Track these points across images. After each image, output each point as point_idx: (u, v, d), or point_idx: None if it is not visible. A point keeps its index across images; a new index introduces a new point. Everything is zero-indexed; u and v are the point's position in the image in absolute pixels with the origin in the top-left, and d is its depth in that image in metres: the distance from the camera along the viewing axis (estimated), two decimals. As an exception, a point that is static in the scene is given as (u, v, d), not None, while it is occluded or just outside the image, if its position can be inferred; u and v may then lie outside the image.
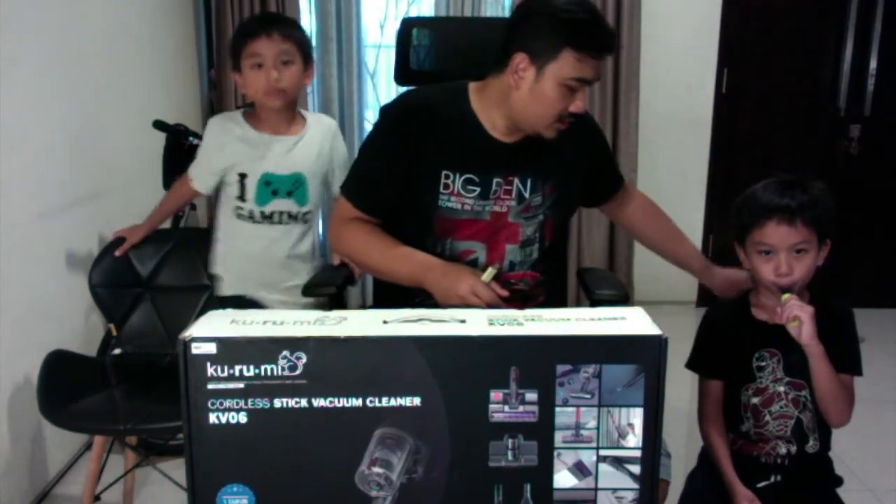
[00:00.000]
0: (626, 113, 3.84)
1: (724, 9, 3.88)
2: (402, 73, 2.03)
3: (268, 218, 1.90)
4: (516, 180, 1.58)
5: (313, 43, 3.84)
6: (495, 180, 1.57)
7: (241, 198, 1.89)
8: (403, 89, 1.86)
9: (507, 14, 3.88)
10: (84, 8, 2.63)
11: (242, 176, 1.87)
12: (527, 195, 1.59)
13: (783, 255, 1.42)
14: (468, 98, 1.59)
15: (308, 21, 3.84)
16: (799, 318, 1.36)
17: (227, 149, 1.88)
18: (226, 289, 1.97)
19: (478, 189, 1.57)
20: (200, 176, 1.96)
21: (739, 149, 4.06)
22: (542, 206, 1.61)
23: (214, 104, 3.81)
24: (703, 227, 4.14)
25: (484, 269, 1.50)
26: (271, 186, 1.88)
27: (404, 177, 1.57)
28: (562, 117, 1.50)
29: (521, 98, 1.50)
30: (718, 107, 4.00)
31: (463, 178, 1.56)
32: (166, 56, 3.46)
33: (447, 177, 1.56)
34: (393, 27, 3.92)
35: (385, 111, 1.64)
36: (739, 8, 3.89)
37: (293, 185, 1.90)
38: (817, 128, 4.04)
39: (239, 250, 1.94)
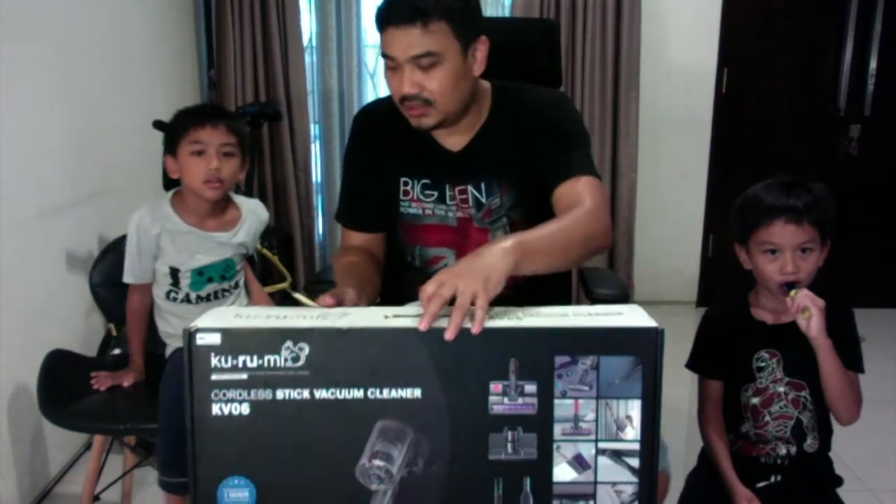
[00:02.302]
0: (626, 113, 3.85)
1: (724, 9, 3.88)
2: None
3: (203, 299, 1.89)
4: (470, 187, 1.53)
5: (313, 43, 3.86)
6: (447, 185, 1.53)
7: (175, 285, 1.87)
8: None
9: (507, 14, 3.88)
10: (84, 8, 2.63)
11: (174, 270, 1.85)
12: (484, 200, 1.53)
13: (789, 254, 1.42)
14: None
15: (308, 21, 3.85)
16: (809, 309, 1.36)
17: (158, 241, 1.84)
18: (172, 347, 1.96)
19: (435, 193, 1.54)
20: (145, 273, 1.87)
21: (739, 149, 4.06)
22: (501, 207, 1.54)
23: (214, 104, 3.81)
24: (703, 227, 4.14)
25: None
26: (205, 276, 1.87)
27: (375, 184, 1.56)
28: (402, 101, 1.41)
29: None
30: (718, 107, 4.00)
31: (420, 183, 1.54)
32: (166, 56, 3.47)
33: (406, 183, 1.55)
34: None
35: (352, 122, 1.64)
36: (739, 8, 3.90)
37: (225, 270, 1.90)
38: (817, 128, 4.04)
39: (178, 327, 1.90)
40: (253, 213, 1.95)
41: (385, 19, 1.36)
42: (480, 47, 1.43)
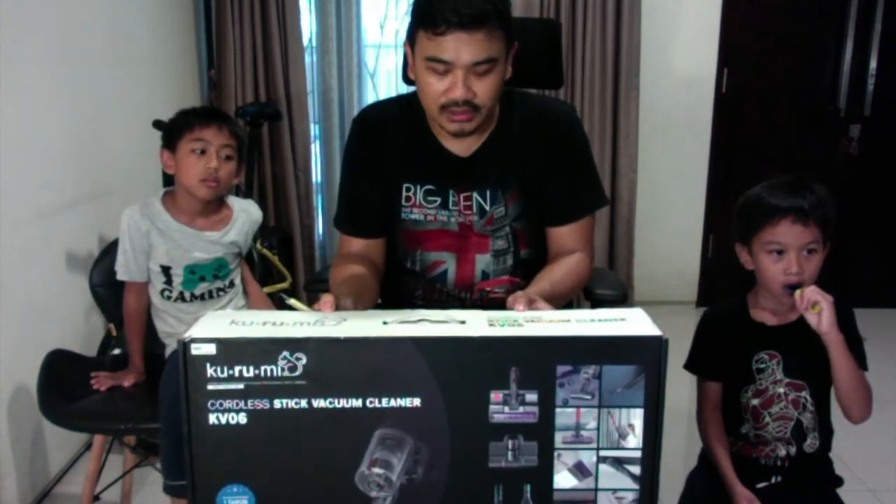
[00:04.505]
0: (626, 113, 3.84)
1: (724, 9, 3.88)
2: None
3: (198, 298, 1.89)
4: (475, 194, 1.51)
5: (313, 43, 3.86)
6: (451, 191, 1.52)
7: (168, 283, 1.87)
8: (404, 89, 1.85)
9: (507, 14, 3.87)
10: (85, 8, 2.63)
11: (165, 268, 1.85)
12: (488, 208, 1.52)
13: (794, 254, 1.42)
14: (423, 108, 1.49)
15: (308, 21, 3.85)
16: (820, 303, 1.35)
17: (149, 240, 1.84)
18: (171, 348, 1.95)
19: (438, 199, 1.53)
20: (139, 270, 1.87)
21: (739, 149, 4.06)
22: (506, 216, 1.53)
23: (214, 104, 3.81)
24: (703, 227, 4.14)
25: (450, 281, 1.56)
26: (197, 274, 1.87)
27: (377, 190, 1.55)
28: (446, 106, 1.37)
29: (418, 90, 1.44)
30: (718, 107, 4.00)
31: (423, 189, 1.53)
32: (166, 56, 3.47)
33: (408, 189, 1.53)
34: (393, 27, 3.92)
35: (350, 126, 1.63)
36: (739, 8, 3.89)
37: (217, 269, 1.89)
38: (817, 128, 4.04)
39: (175, 326, 1.91)
40: (245, 213, 1.95)
41: (448, 21, 1.30)
42: (513, 52, 1.43)
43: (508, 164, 1.51)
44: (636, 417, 0.92)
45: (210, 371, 0.90)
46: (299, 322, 0.95)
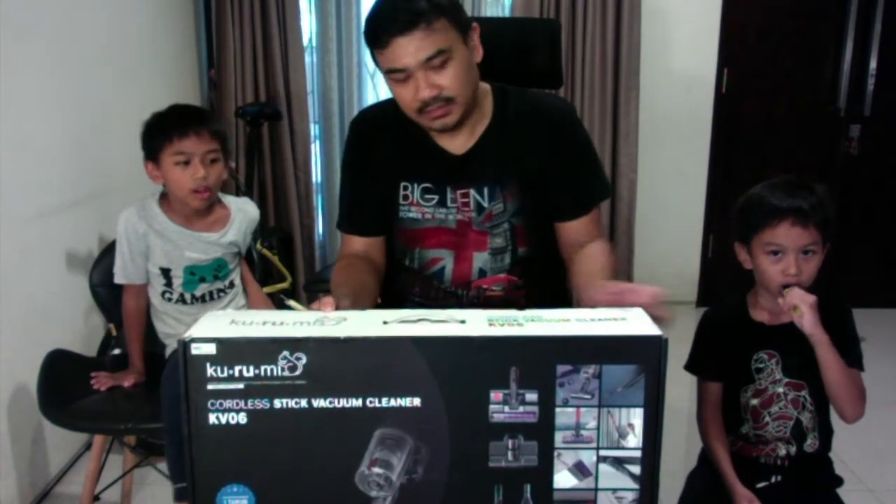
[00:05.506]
0: (626, 113, 3.85)
1: (724, 9, 3.88)
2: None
3: (198, 299, 1.89)
4: (472, 191, 1.52)
5: (313, 43, 3.86)
6: (448, 189, 1.53)
7: (168, 285, 1.87)
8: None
9: (507, 14, 3.88)
10: (85, 8, 2.63)
11: (165, 270, 1.85)
12: (486, 205, 1.52)
13: (792, 255, 1.42)
14: None
15: (308, 21, 3.85)
16: (800, 307, 1.37)
17: (147, 242, 1.84)
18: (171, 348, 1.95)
19: (436, 197, 1.53)
20: (137, 273, 1.87)
21: (739, 149, 4.06)
22: (504, 213, 1.53)
23: (214, 104, 3.82)
24: (703, 227, 4.14)
25: (447, 278, 1.56)
26: (197, 275, 1.87)
27: (376, 189, 1.56)
28: (421, 109, 1.40)
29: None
30: (718, 106, 4.00)
31: (421, 187, 1.54)
32: (166, 56, 3.47)
33: (405, 188, 1.54)
34: (393, 27, 3.92)
35: (349, 127, 1.64)
36: (739, 8, 3.90)
37: (216, 270, 1.89)
38: (817, 128, 4.04)
39: (175, 327, 1.91)
40: (242, 212, 1.95)
41: (386, 32, 1.35)
42: (474, 34, 1.45)
43: (505, 160, 1.52)
44: (636, 417, 0.92)
45: (210, 371, 0.90)
46: (299, 322, 0.95)
